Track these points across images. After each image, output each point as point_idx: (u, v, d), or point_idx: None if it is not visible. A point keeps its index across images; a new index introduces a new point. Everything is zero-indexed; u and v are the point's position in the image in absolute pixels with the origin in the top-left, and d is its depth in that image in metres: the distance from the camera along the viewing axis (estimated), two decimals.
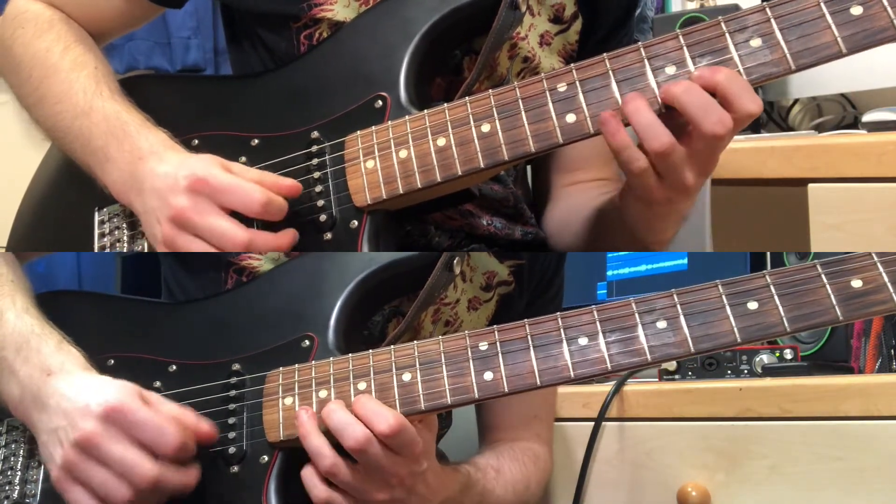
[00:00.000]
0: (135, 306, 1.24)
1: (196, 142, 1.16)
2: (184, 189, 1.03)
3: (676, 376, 1.51)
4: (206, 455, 1.05)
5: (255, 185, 1.03)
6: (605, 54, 1.00)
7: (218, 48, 2.54)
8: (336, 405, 1.01)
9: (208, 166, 1.04)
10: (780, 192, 1.44)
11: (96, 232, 1.20)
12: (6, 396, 1.09)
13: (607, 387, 1.44)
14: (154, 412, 1.01)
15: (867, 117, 1.49)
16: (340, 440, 0.99)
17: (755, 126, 1.96)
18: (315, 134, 1.12)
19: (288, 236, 1.06)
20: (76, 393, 1.02)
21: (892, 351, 1.54)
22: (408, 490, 1.02)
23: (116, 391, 1.02)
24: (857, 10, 0.93)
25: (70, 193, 1.26)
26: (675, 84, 0.96)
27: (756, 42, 0.95)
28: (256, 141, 1.14)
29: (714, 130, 0.94)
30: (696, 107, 0.95)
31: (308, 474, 1.02)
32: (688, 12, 1.77)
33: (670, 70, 0.97)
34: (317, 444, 1.00)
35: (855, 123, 1.77)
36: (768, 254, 1.68)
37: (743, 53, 0.95)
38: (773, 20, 0.95)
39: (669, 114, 0.97)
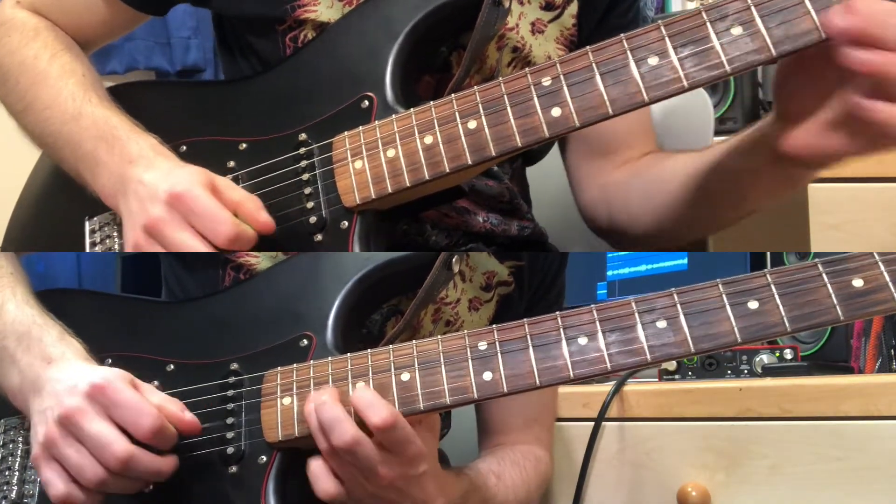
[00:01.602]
0: (133, 305, 1.24)
1: (184, 148, 1.16)
2: (162, 200, 1.03)
3: (676, 376, 1.51)
4: (204, 455, 1.05)
5: (228, 216, 1.02)
6: (588, 47, 1.00)
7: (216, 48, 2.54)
8: (328, 397, 0.99)
9: (191, 183, 1.03)
10: None
11: (87, 241, 1.20)
12: (6, 385, 1.10)
13: (607, 387, 1.43)
14: (137, 394, 1.01)
15: None
16: (328, 436, 0.98)
17: None
18: (303, 136, 1.12)
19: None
20: (68, 376, 1.03)
21: (892, 351, 1.54)
22: (399, 492, 1.01)
23: (105, 372, 1.02)
24: None
25: (61, 203, 1.26)
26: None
27: (737, 30, 0.95)
28: (244, 145, 1.14)
29: None
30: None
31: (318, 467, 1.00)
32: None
33: (653, 61, 0.97)
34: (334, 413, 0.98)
35: None
36: (768, 254, 1.68)
37: (724, 42, 0.95)
38: (753, 8, 0.94)
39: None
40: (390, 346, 1.03)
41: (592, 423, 1.42)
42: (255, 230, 1.04)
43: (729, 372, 1.49)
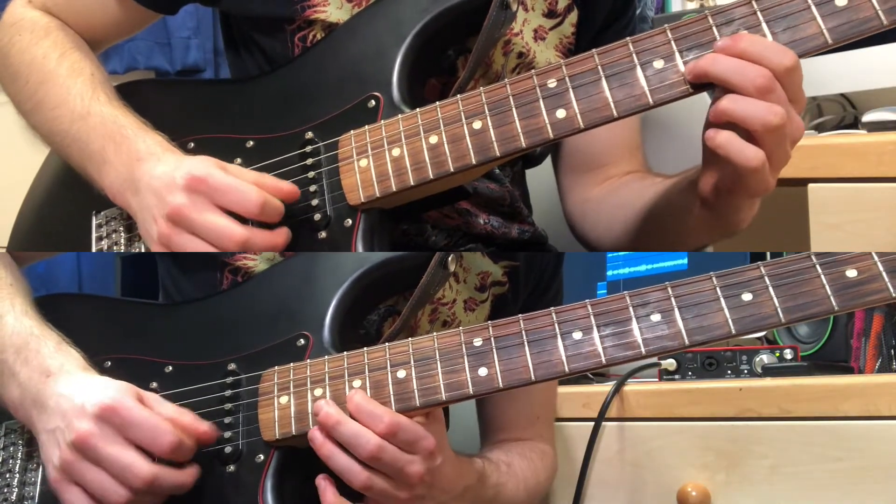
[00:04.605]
0: (131, 308, 1.24)
1: (192, 145, 1.17)
2: (181, 187, 1.03)
3: (676, 376, 1.50)
4: (201, 455, 1.05)
5: (252, 186, 1.03)
6: (594, 50, 1.01)
7: (218, 48, 2.54)
8: (336, 415, 1.00)
9: (206, 166, 1.04)
10: (780, 192, 1.44)
11: (94, 235, 1.21)
12: (7, 398, 1.10)
13: (607, 387, 1.43)
14: (149, 412, 1.01)
15: (867, 117, 1.49)
16: (354, 452, 0.98)
17: None
18: (309, 134, 1.12)
19: (283, 234, 1.06)
20: (73, 393, 1.02)
21: (892, 351, 1.54)
22: (428, 487, 1.02)
23: (112, 391, 1.02)
24: (841, 2, 0.94)
25: (68, 198, 1.27)
26: (700, 60, 0.95)
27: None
28: (251, 143, 1.15)
29: (757, 84, 0.93)
30: (731, 71, 0.93)
31: (331, 496, 1.01)
32: (687, 12, 1.76)
33: (658, 64, 0.98)
34: (345, 463, 0.99)
35: (855, 123, 1.76)
36: (768, 254, 1.67)
37: None
38: (758, 13, 0.95)
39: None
40: (386, 344, 1.03)
41: (592, 423, 1.42)
42: (281, 199, 1.05)
43: (729, 372, 1.48)
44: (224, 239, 1.02)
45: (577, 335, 0.96)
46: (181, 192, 1.03)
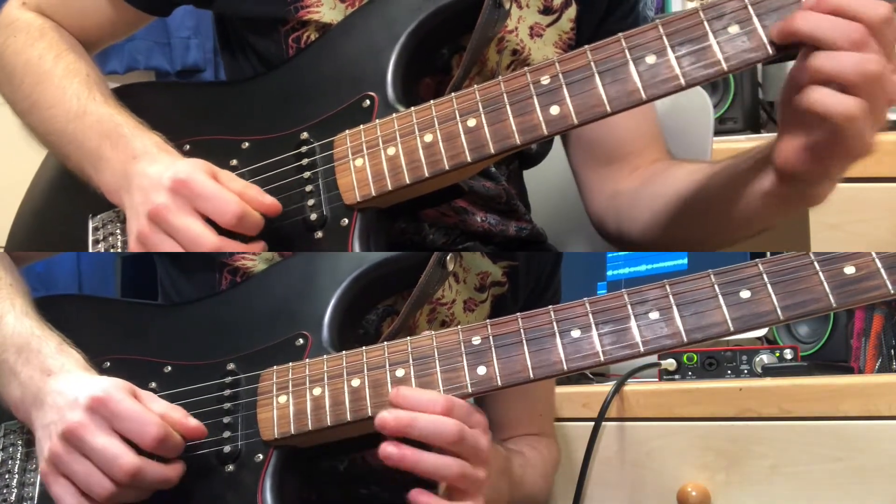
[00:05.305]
0: (130, 309, 1.24)
1: (188, 147, 1.16)
2: (165, 188, 1.03)
3: (676, 376, 1.50)
4: (200, 455, 1.05)
5: (233, 196, 1.02)
6: (586, 46, 1.01)
7: (217, 48, 2.55)
8: (407, 415, 0.97)
9: (193, 170, 1.04)
10: None
11: (91, 239, 1.21)
12: (8, 398, 1.10)
13: (607, 387, 1.43)
14: (138, 404, 1.01)
15: None
16: (435, 442, 0.96)
17: (755, 126, 1.96)
18: (304, 135, 1.12)
19: (257, 247, 1.05)
20: (69, 389, 1.03)
21: (892, 351, 1.54)
22: (489, 466, 1.01)
23: (105, 384, 1.02)
24: None
25: (64, 202, 1.27)
26: (787, 19, 0.92)
27: (734, 29, 0.95)
28: (247, 144, 1.15)
29: (852, 38, 0.89)
30: (823, 27, 0.90)
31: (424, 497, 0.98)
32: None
33: (651, 59, 0.97)
34: (434, 461, 0.97)
35: None
36: (768, 254, 1.67)
37: (721, 40, 0.95)
38: (749, 7, 0.95)
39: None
40: (384, 343, 1.03)
41: (592, 423, 1.42)
42: (262, 213, 1.04)
43: (729, 372, 1.49)
44: (196, 245, 1.02)
45: (576, 333, 0.96)
46: (165, 192, 1.03)
